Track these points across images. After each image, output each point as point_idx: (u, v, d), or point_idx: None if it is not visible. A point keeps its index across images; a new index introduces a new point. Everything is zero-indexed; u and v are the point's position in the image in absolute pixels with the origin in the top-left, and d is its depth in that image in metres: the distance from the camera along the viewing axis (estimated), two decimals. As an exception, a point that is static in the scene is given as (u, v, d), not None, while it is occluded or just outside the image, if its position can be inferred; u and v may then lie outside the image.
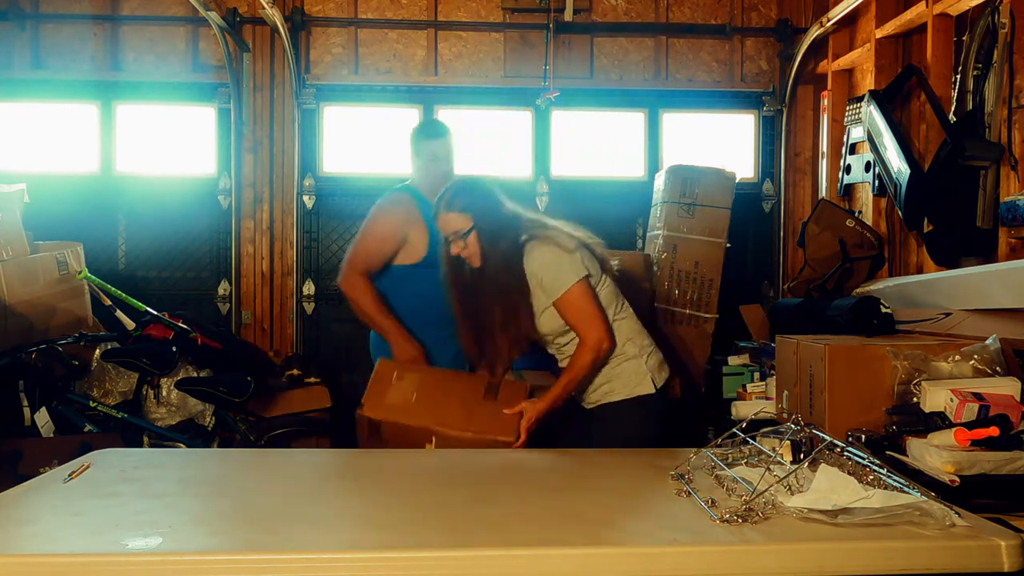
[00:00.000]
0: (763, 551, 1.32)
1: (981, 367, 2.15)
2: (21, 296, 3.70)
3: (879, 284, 3.57)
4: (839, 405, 2.21)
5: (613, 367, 2.39)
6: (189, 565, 1.26)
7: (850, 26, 4.24)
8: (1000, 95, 3.04)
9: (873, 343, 2.33)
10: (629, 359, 2.40)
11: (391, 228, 2.89)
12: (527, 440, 2.26)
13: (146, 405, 3.77)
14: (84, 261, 4.03)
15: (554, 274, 2.31)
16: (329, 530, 1.41)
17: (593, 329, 2.31)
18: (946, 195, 3.23)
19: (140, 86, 4.49)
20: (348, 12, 4.53)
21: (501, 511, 1.54)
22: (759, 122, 4.71)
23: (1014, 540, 1.32)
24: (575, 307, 2.32)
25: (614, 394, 2.39)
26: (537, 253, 2.34)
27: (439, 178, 2.86)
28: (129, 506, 1.52)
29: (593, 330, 2.31)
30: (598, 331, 2.31)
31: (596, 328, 2.31)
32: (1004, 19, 2.99)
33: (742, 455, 1.80)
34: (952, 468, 1.77)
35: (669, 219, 3.90)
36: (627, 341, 2.41)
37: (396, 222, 2.89)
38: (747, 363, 3.78)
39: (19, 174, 4.22)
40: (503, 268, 2.34)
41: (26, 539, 1.34)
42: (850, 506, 1.41)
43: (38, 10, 4.46)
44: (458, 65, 4.61)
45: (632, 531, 1.39)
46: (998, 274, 2.71)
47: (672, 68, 4.66)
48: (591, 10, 4.61)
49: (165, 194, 4.51)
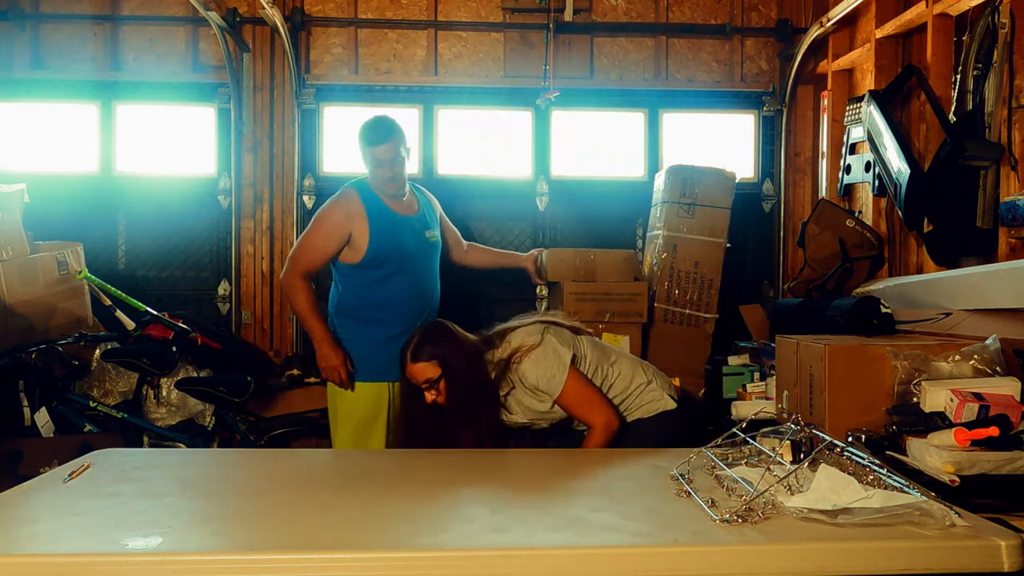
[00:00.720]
0: (763, 551, 1.32)
1: (981, 367, 2.15)
2: (21, 296, 3.70)
3: (879, 284, 3.57)
4: (839, 405, 2.21)
5: (632, 400, 2.52)
6: (189, 565, 1.27)
7: (850, 26, 4.24)
8: (1000, 95, 3.04)
9: (873, 343, 2.33)
10: (642, 391, 2.52)
11: (334, 227, 2.93)
12: None
13: (146, 405, 3.78)
14: (84, 261, 4.03)
15: (548, 376, 2.38)
16: (329, 530, 1.41)
17: (598, 413, 2.39)
18: (946, 195, 3.23)
19: (140, 86, 4.49)
20: (348, 12, 4.53)
21: (500, 511, 1.54)
22: (759, 122, 4.71)
23: (1014, 540, 1.32)
24: (574, 399, 2.40)
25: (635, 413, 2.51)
26: (525, 366, 2.39)
27: (386, 181, 2.94)
28: (129, 506, 1.52)
29: (599, 414, 2.39)
30: (604, 413, 2.40)
31: (601, 411, 2.40)
32: (1004, 19, 2.99)
33: (742, 455, 1.80)
34: (952, 468, 1.77)
35: (669, 219, 3.90)
36: (631, 380, 2.54)
37: (340, 221, 2.93)
38: (747, 363, 3.78)
39: (19, 174, 4.22)
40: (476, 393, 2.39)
41: (26, 539, 1.34)
42: (850, 506, 1.41)
43: (38, 10, 4.46)
44: (458, 65, 4.61)
45: (632, 531, 1.39)
46: (998, 274, 2.72)
47: (672, 68, 4.66)
48: (591, 10, 4.61)
49: (165, 194, 4.51)
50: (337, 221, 2.93)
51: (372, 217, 2.94)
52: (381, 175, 2.94)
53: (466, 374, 2.39)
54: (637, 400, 2.51)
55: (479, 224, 4.59)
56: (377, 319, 2.96)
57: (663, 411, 2.51)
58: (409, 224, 3.04)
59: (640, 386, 2.53)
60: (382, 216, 2.97)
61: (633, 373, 2.55)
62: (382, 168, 2.92)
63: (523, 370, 2.39)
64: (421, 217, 3.11)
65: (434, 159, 4.61)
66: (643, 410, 2.51)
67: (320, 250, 2.94)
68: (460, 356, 2.41)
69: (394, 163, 2.94)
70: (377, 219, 2.95)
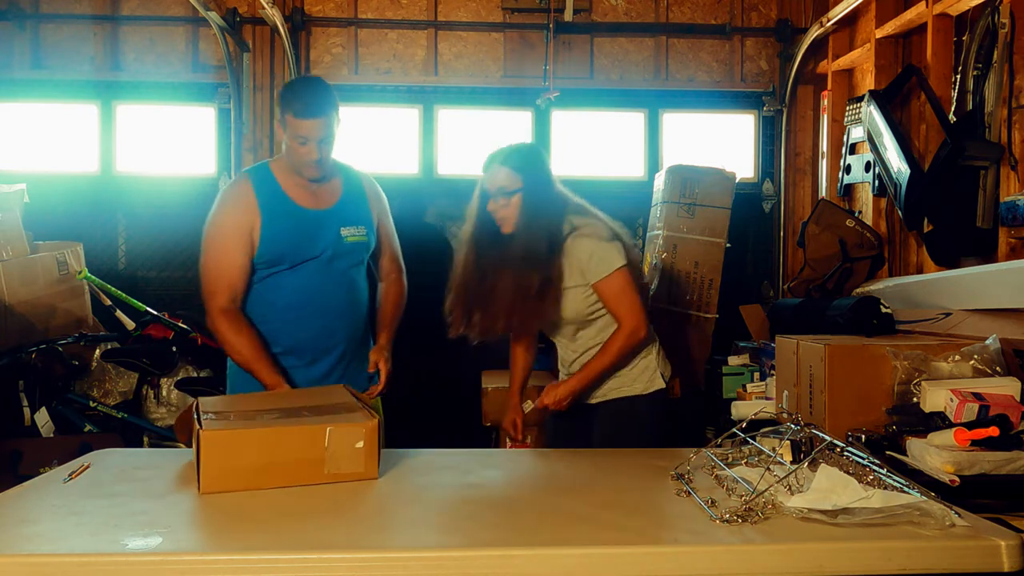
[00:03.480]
0: (763, 551, 1.32)
1: (981, 367, 2.15)
2: (21, 296, 3.70)
3: (879, 284, 3.57)
4: (839, 405, 2.21)
5: (631, 364, 2.39)
6: (189, 565, 1.26)
7: (850, 26, 4.24)
8: (1000, 95, 3.04)
9: (873, 343, 2.33)
10: (644, 356, 2.41)
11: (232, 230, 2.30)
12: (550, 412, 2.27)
13: (146, 405, 3.78)
14: (84, 261, 4.03)
15: (600, 256, 2.28)
16: (329, 530, 1.41)
17: (633, 315, 2.29)
18: (946, 195, 3.23)
19: (140, 86, 4.49)
20: (348, 12, 4.53)
21: (500, 511, 1.54)
22: (759, 122, 4.72)
23: (1014, 540, 1.32)
24: (617, 291, 2.29)
25: (627, 389, 2.39)
26: (583, 236, 2.31)
27: (307, 163, 2.31)
28: (129, 506, 1.51)
29: (633, 316, 2.29)
30: (637, 318, 2.30)
31: (636, 314, 2.30)
32: (1004, 19, 2.99)
33: (742, 455, 1.80)
34: (952, 468, 1.77)
35: (669, 219, 3.90)
36: (652, 340, 2.43)
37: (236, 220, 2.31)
38: (747, 363, 3.79)
39: (19, 174, 4.23)
40: (542, 241, 2.28)
41: (26, 539, 1.34)
42: (850, 506, 1.41)
43: (38, 10, 4.47)
44: (458, 65, 4.61)
45: (632, 531, 1.39)
46: (998, 274, 2.72)
47: (672, 68, 4.66)
48: (591, 10, 4.61)
49: (165, 194, 4.51)
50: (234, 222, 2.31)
51: (265, 209, 2.32)
52: (304, 155, 2.29)
53: (542, 203, 2.29)
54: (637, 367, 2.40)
55: (479, 224, 4.59)
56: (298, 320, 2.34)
57: (658, 389, 2.41)
58: (315, 219, 2.37)
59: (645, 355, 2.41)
60: (278, 209, 2.34)
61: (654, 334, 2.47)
62: (307, 146, 2.28)
63: (579, 245, 2.30)
64: (338, 211, 2.42)
65: (434, 159, 4.62)
66: (634, 377, 2.39)
67: (227, 268, 2.28)
68: (544, 186, 2.31)
69: (324, 143, 2.29)
70: (271, 212, 2.33)
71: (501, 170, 2.29)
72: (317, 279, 2.35)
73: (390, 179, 4.59)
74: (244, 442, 1.64)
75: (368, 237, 2.45)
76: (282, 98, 2.30)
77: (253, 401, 1.95)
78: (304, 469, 1.66)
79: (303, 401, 1.91)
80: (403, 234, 2.69)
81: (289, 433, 1.68)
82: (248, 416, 1.76)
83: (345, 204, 2.44)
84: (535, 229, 2.29)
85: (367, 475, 1.70)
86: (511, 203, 2.29)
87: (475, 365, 4.04)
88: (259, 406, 1.85)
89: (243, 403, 1.91)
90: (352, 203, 2.46)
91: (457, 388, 4.35)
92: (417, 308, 2.72)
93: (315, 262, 2.34)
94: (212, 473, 1.61)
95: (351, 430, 1.69)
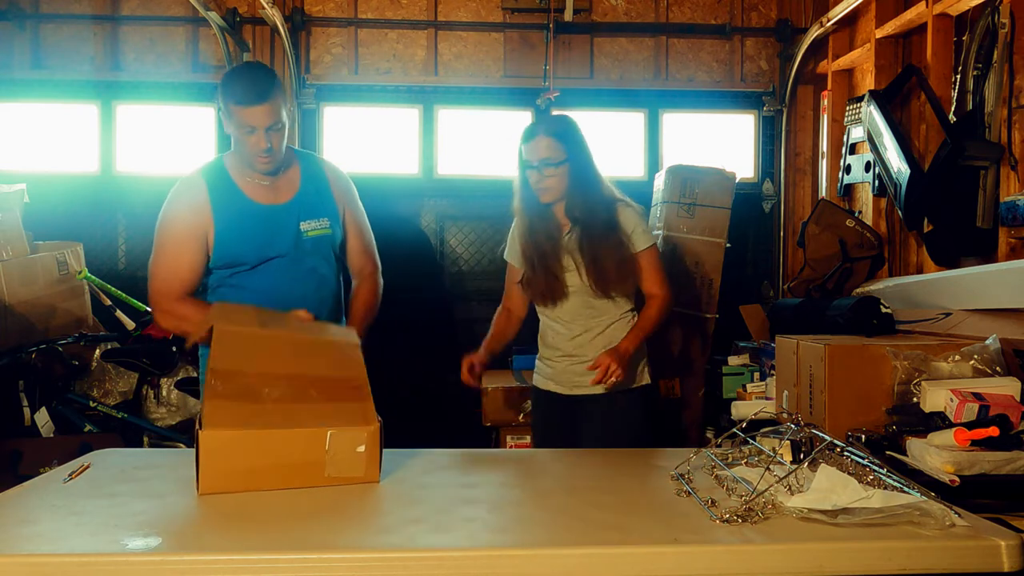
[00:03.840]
0: (763, 551, 1.32)
1: (981, 367, 2.15)
2: (21, 296, 3.71)
3: (879, 284, 3.57)
4: (839, 405, 2.21)
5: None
6: (189, 565, 1.26)
7: (850, 26, 4.24)
8: (1000, 95, 3.04)
9: (873, 343, 2.33)
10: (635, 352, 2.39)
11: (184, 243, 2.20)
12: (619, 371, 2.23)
13: (146, 405, 3.78)
14: (84, 261, 4.04)
15: (644, 227, 2.39)
16: (328, 530, 1.41)
17: (665, 287, 2.40)
18: (946, 195, 3.23)
19: (140, 86, 4.49)
20: (348, 12, 4.53)
21: (500, 511, 1.54)
22: (759, 122, 4.72)
23: (1014, 540, 1.32)
24: (656, 262, 2.41)
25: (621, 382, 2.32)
26: (626, 206, 2.40)
27: (258, 155, 2.15)
28: (129, 506, 1.51)
29: (665, 288, 2.40)
30: (669, 290, 2.41)
31: (667, 287, 2.41)
32: (1004, 19, 2.99)
33: (742, 455, 1.80)
34: (952, 468, 1.77)
35: (669, 219, 3.90)
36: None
37: (186, 230, 2.21)
38: (747, 363, 3.79)
39: (19, 174, 4.23)
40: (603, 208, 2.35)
41: (26, 539, 1.34)
42: (850, 506, 1.41)
43: (38, 10, 4.47)
44: (458, 65, 4.61)
45: (632, 531, 1.39)
46: (998, 274, 2.72)
47: (672, 68, 4.66)
48: (591, 10, 4.61)
49: (165, 194, 4.46)
50: (186, 225, 2.21)
51: (218, 211, 2.20)
52: (253, 146, 2.12)
53: (592, 172, 2.36)
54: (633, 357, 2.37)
55: (479, 224, 4.59)
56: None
57: (645, 384, 2.44)
58: (271, 215, 2.24)
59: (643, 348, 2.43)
60: (232, 208, 2.22)
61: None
62: (255, 136, 2.11)
63: (625, 214, 2.37)
64: (297, 204, 2.28)
65: (434, 159, 4.62)
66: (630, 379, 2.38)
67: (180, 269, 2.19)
68: (587, 158, 2.36)
69: (273, 131, 2.12)
70: (224, 213, 2.21)
71: (544, 140, 2.31)
72: (282, 277, 2.23)
73: (390, 179, 4.62)
74: (244, 444, 1.63)
75: (332, 229, 2.31)
76: (222, 87, 2.12)
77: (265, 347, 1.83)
78: (305, 472, 1.65)
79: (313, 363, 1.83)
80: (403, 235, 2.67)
81: (290, 436, 1.66)
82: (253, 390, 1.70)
83: (304, 196, 2.29)
84: (594, 197, 2.35)
85: (368, 479, 1.70)
86: (557, 173, 2.32)
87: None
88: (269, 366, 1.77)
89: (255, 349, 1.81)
90: (312, 194, 2.30)
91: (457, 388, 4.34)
92: (417, 308, 2.72)
93: (278, 260, 2.23)
94: (211, 474, 1.60)
95: (352, 434, 1.68)
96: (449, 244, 4.61)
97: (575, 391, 2.42)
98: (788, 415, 1.87)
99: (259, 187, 2.25)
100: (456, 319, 4.53)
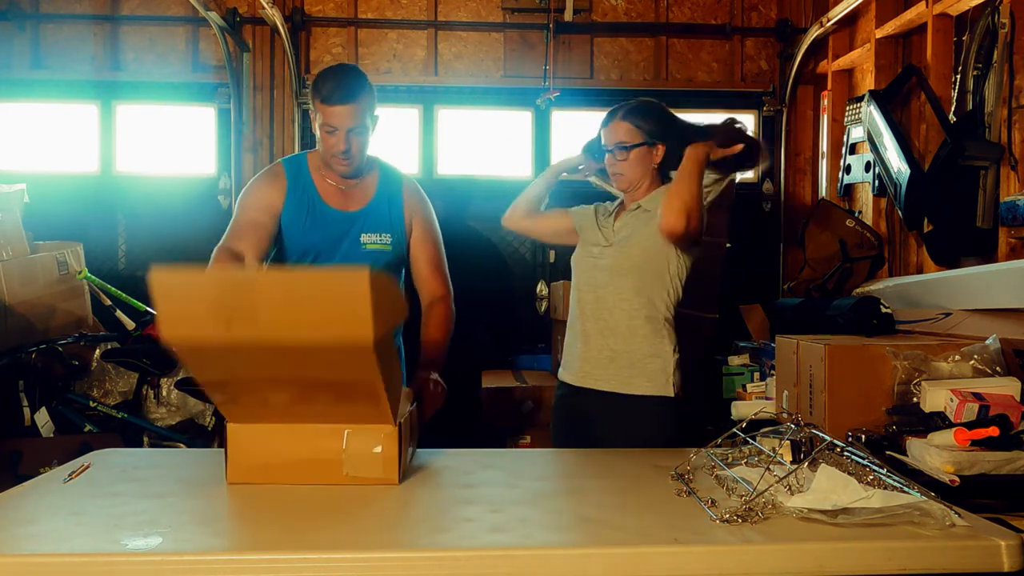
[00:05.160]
0: (763, 551, 1.32)
1: (981, 367, 2.15)
2: (21, 296, 3.70)
3: (879, 284, 3.57)
4: (839, 405, 2.21)
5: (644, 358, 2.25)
6: (189, 565, 1.26)
7: (850, 26, 4.24)
8: (1000, 95, 3.04)
9: (873, 343, 2.33)
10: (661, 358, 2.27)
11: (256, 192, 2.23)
12: None
13: (146, 405, 3.78)
14: (84, 261, 4.04)
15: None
16: (329, 530, 1.41)
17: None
18: (946, 195, 3.23)
19: (140, 86, 4.49)
20: (348, 12, 4.53)
21: (500, 511, 1.54)
22: (759, 122, 4.72)
23: (1014, 540, 1.32)
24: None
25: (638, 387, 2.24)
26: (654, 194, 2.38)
27: (336, 156, 2.14)
28: (129, 506, 1.51)
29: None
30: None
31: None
32: (1004, 19, 2.99)
33: (742, 455, 1.80)
34: (952, 468, 1.77)
35: (669, 219, 3.89)
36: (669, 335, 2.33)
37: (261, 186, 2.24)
38: (747, 363, 3.78)
39: (19, 174, 4.23)
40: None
41: (26, 539, 1.34)
42: (850, 506, 1.41)
43: (38, 10, 4.47)
44: (458, 65, 4.61)
45: (632, 531, 1.39)
46: (998, 274, 2.72)
47: (672, 68, 4.66)
48: (591, 10, 4.61)
49: (165, 194, 4.52)
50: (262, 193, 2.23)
51: (290, 196, 2.21)
52: (332, 146, 2.12)
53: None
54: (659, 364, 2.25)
55: (479, 224, 4.59)
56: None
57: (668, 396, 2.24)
58: (336, 221, 2.23)
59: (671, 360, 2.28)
60: (302, 200, 2.23)
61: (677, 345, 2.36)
62: (335, 136, 2.11)
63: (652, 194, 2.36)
64: (365, 215, 2.26)
65: (434, 159, 4.62)
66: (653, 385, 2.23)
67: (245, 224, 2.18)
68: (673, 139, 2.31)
69: (353, 133, 2.12)
70: (294, 201, 2.21)
71: (622, 125, 2.30)
72: None
73: (390, 179, 4.62)
74: (269, 437, 1.67)
75: (392, 247, 2.27)
76: (313, 85, 2.15)
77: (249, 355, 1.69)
78: (325, 469, 1.67)
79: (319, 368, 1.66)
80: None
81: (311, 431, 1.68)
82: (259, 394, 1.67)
83: (374, 209, 2.26)
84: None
85: (386, 480, 1.68)
86: (630, 157, 2.30)
87: (475, 365, 4.04)
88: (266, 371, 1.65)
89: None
90: (382, 208, 2.27)
91: (457, 388, 4.34)
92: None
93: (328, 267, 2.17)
94: (238, 465, 1.66)
95: (369, 434, 1.68)
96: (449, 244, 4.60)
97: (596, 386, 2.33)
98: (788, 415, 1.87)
99: (333, 190, 2.25)
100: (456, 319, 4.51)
